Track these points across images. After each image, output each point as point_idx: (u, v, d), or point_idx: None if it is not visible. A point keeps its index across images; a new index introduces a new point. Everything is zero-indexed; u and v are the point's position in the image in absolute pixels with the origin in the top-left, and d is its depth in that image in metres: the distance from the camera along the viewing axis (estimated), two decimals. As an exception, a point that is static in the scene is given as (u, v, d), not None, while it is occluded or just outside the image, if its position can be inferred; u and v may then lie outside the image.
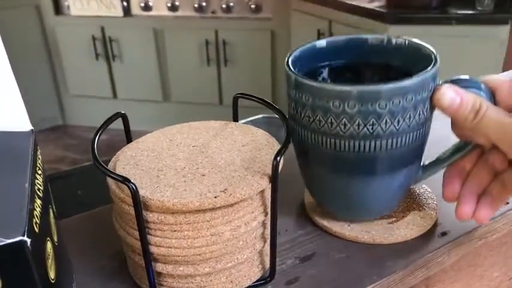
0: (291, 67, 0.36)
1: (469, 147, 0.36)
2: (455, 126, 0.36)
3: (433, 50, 0.36)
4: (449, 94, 0.33)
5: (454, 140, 0.37)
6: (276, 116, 0.38)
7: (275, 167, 0.32)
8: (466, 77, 0.35)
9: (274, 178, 0.32)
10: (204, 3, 2.50)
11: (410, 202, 0.43)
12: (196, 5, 2.50)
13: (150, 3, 2.58)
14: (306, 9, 2.19)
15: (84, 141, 2.70)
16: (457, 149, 0.37)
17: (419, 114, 0.34)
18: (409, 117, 0.33)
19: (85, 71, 2.78)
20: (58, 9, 2.72)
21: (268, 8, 2.42)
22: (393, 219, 0.41)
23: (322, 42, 0.40)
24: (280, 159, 0.32)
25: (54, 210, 0.32)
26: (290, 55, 0.37)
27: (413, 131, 0.34)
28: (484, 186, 0.37)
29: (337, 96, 0.33)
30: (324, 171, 0.37)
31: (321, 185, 0.40)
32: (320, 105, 0.34)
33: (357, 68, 0.41)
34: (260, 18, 2.45)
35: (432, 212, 0.42)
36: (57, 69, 2.86)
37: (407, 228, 0.40)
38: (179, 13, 2.55)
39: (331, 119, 0.34)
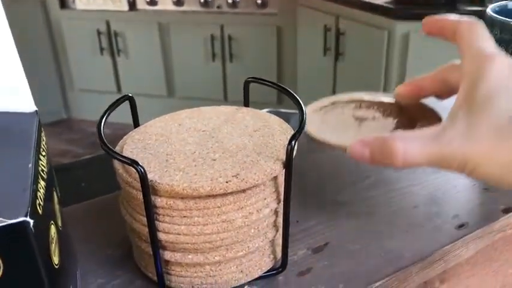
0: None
1: None
2: None
3: None
4: (356, 149, 0.31)
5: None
6: (281, 110, 0.36)
7: (289, 152, 0.30)
8: None
9: (288, 163, 0.30)
10: (209, -2, 2.48)
11: None
12: (201, 0, 2.49)
13: (156, -2, 2.56)
14: (313, 5, 2.17)
15: (87, 136, 2.69)
16: None
17: None
18: None
19: (90, 65, 2.77)
20: (63, 3, 2.72)
21: (274, 3, 2.40)
22: None
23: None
24: (295, 144, 0.30)
25: (59, 194, 0.31)
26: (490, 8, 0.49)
27: None
28: None
29: None
30: None
31: None
32: (506, 38, 0.43)
33: None
34: (266, 14, 2.43)
35: None
36: (62, 63, 2.85)
37: None
38: (184, 8, 2.54)
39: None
